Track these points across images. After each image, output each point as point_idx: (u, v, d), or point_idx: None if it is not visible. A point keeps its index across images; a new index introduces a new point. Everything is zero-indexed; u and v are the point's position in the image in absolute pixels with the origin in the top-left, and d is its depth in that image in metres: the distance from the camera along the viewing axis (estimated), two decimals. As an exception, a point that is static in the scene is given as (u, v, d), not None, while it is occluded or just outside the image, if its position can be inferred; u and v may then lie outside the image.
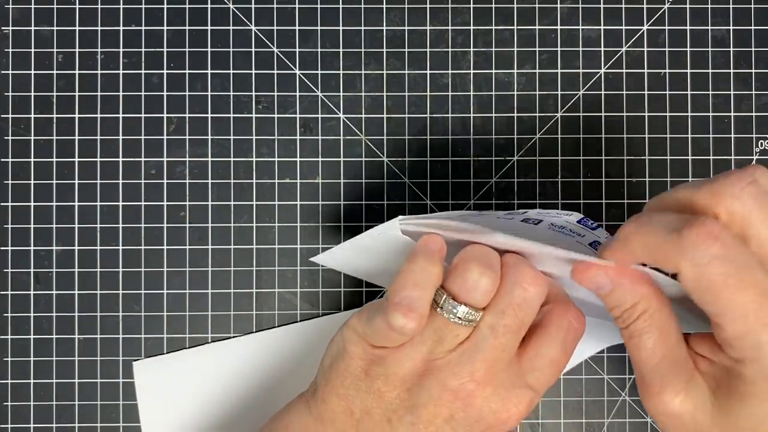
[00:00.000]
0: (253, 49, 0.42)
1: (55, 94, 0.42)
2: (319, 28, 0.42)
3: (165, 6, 0.42)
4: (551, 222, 0.34)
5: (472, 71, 0.42)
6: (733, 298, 0.25)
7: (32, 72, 0.42)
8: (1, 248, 0.42)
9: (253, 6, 0.42)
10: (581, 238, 0.33)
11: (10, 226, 0.42)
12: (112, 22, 0.42)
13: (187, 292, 0.42)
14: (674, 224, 0.26)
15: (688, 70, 0.42)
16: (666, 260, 0.26)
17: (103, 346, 0.42)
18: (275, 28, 0.42)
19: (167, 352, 0.41)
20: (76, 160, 0.42)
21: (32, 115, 0.42)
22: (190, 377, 0.41)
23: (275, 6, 0.42)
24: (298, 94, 0.42)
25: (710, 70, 0.42)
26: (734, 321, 0.25)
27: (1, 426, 0.41)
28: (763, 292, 0.25)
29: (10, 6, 0.42)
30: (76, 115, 0.42)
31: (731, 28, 0.42)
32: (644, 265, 0.28)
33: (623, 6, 0.42)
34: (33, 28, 0.42)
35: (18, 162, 0.42)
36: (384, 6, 0.42)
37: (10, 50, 0.42)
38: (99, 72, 0.42)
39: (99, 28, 0.42)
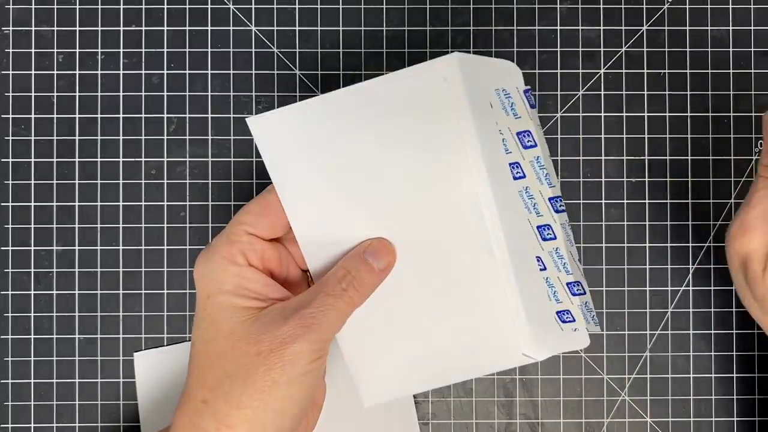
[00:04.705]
0: (253, 49, 0.42)
1: (55, 94, 0.42)
2: (319, 28, 0.42)
3: (165, 6, 0.42)
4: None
5: (471, 71, 0.42)
6: None
7: (32, 72, 0.42)
8: (1, 248, 0.42)
9: (253, 6, 0.42)
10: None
11: (10, 226, 0.42)
12: (112, 23, 0.42)
13: (187, 292, 0.42)
14: None
15: (688, 71, 0.42)
16: None
17: (103, 346, 0.42)
18: (275, 28, 0.42)
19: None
20: (76, 160, 0.42)
21: (32, 115, 0.42)
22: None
23: (275, 6, 0.42)
24: (298, 94, 0.42)
25: (710, 71, 0.42)
26: None
27: (2, 426, 0.41)
28: None
29: (11, 6, 0.42)
30: (77, 115, 0.42)
31: (731, 28, 0.42)
32: None
33: (623, 6, 0.42)
34: (33, 28, 0.42)
35: (18, 162, 0.42)
36: (384, 6, 0.42)
37: (11, 50, 0.42)
38: (99, 72, 0.42)
39: (99, 28, 0.42)
